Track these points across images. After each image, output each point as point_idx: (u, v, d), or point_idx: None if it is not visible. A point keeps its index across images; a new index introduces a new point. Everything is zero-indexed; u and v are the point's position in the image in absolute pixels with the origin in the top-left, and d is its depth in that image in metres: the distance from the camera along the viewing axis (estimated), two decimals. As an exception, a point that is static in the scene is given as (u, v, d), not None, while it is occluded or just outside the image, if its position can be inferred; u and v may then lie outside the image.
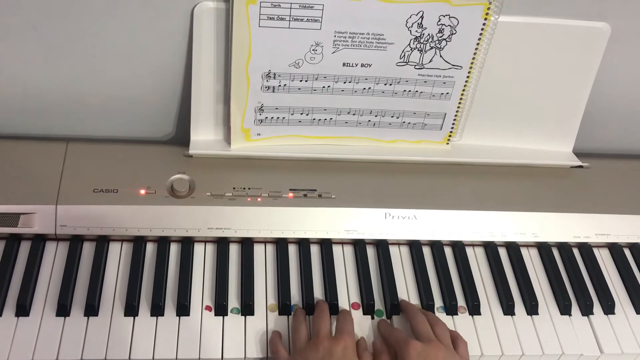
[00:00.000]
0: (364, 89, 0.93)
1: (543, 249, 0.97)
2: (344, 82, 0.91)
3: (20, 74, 0.92)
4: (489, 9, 0.86)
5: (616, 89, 1.02)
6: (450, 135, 1.00)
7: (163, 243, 0.90)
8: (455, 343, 0.82)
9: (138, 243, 0.89)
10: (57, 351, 0.78)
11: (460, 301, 0.90)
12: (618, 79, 1.01)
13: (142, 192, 0.90)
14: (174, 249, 0.90)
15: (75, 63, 0.91)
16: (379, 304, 0.88)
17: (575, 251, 0.98)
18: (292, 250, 0.93)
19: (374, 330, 0.86)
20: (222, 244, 0.91)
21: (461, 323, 0.87)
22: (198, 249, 0.91)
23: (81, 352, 0.78)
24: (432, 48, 0.89)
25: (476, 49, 0.90)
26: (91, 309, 0.82)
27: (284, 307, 0.86)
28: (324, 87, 0.92)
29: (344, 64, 0.89)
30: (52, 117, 0.98)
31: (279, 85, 0.91)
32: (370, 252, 0.94)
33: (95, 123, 1.00)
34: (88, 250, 0.89)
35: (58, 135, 1.00)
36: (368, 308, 0.87)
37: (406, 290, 0.90)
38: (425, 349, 0.78)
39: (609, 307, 0.91)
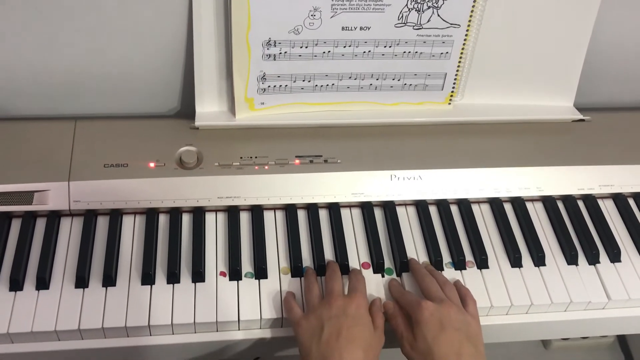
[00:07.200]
0: (364, 52, 0.94)
1: (548, 202, 0.98)
2: (344, 47, 0.92)
3: (22, 55, 0.93)
4: (484, -35, 0.87)
5: (613, 41, 1.03)
6: (451, 95, 1.01)
7: (175, 214, 0.91)
8: (464, 301, 0.84)
9: (151, 215, 0.91)
10: (79, 320, 0.81)
11: (468, 256, 0.91)
12: (615, 31, 1.01)
13: (152, 165, 0.92)
14: (186, 219, 0.92)
15: (77, 41, 0.92)
16: (388, 263, 0.90)
17: (580, 203, 0.99)
18: (302, 215, 0.94)
19: (384, 288, 0.87)
20: (232, 212, 0.92)
21: (470, 277, 0.89)
22: (209, 218, 0.93)
23: (102, 321, 0.81)
24: (429, 7, 0.90)
25: (473, 6, 0.90)
26: (109, 280, 0.84)
27: (296, 269, 0.88)
28: (324, 52, 0.93)
29: (343, 28, 0.90)
30: (57, 98, 0.99)
31: (280, 53, 0.92)
32: (378, 213, 0.95)
33: (100, 101, 1.01)
34: (102, 224, 0.91)
35: (65, 115, 1.01)
36: (378, 267, 0.89)
37: (414, 248, 0.92)
38: (438, 308, 0.80)
39: (615, 255, 0.93)
